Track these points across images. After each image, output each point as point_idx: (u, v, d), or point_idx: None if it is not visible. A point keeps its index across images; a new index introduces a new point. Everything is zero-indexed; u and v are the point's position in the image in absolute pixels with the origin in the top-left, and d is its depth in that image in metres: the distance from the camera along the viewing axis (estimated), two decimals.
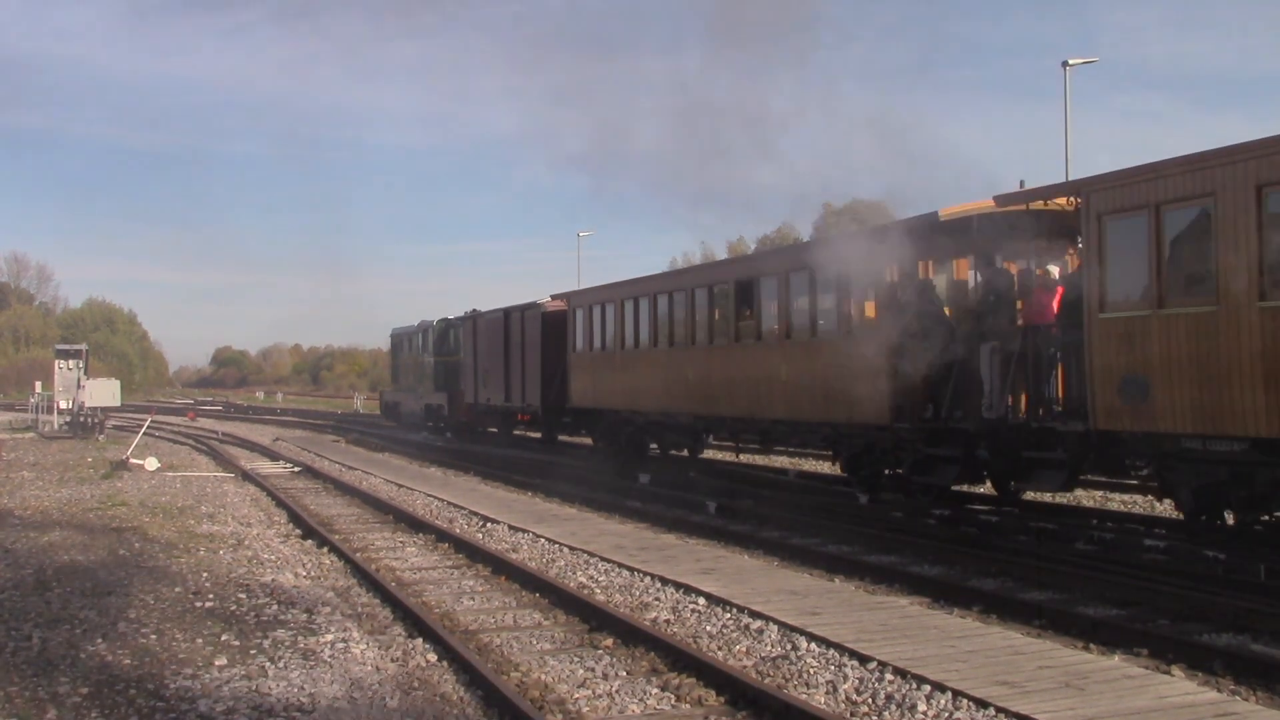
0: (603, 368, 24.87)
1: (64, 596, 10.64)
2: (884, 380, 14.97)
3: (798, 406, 17.35)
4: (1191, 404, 11.10)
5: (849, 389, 15.51)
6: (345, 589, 11.52)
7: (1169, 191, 11.40)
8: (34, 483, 22.57)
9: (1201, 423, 11.04)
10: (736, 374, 19.06)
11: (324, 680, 7.75)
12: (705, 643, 8.90)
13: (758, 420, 18.84)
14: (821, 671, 7.87)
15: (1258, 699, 7.44)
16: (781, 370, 17.65)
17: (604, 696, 7.57)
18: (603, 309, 24.86)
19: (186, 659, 8.33)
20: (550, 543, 13.90)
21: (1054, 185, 13.73)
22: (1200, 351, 11.01)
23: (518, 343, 29.98)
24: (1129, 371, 11.76)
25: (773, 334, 18.06)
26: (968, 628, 9.03)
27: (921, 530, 14.39)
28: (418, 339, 40.53)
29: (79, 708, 7.18)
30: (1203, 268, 11.11)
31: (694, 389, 20.44)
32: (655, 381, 22.04)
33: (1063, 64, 33.13)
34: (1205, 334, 10.95)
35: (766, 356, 18.13)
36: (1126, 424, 11.90)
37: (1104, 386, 12.04)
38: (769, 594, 10.27)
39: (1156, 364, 11.47)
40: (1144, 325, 11.63)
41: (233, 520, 16.60)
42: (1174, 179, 11.35)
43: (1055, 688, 7.09)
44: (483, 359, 33.02)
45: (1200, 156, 11.09)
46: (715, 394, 19.76)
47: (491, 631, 9.63)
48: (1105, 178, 12.28)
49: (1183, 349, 11.19)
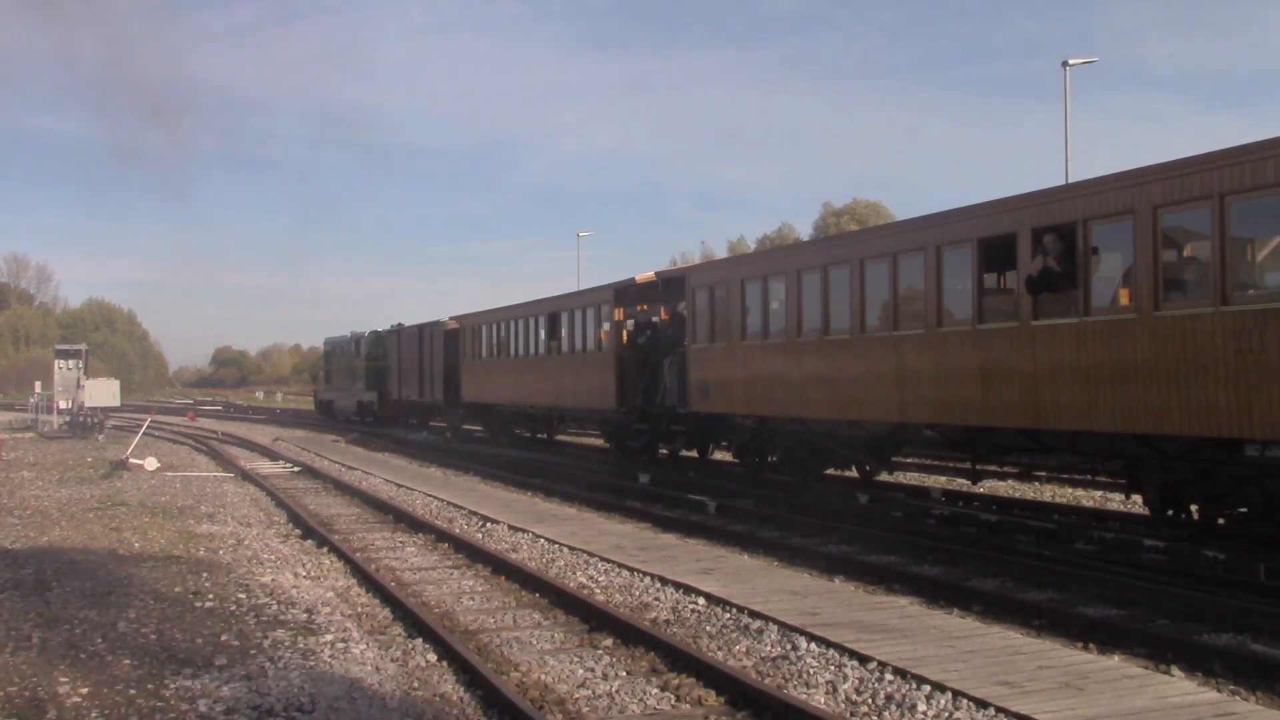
0: (482, 372, 33.85)
1: (64, 596, 10.64)
2: (612, 380, 24.11)
3: (580, 398, 26.22)
4: (729, 398, 19.98)
5: (604, 387, 24.57)
6: (345, 589, 11.52)
7: (713, 278, 20.96)
8: (34, 483, 22.57)
9: (735, 407, 19.93)
10: (549, 379, 28.26)
11: (324, 680, 7.74)
12: (705, 643, 8.90)
13: (565, 409, 28.25)
14: (821, 671, 7.87)
15: (1258, 699, 7.44)
16: (568, 377, 26.87)
17: (604, 696, 7.57)
18: (479, 329, 34.09)
19: (186, 659, 8.33)
20: (550, 543, 13.91)
21: (674, 269, 25.84)
22: (729, 370, 19.85)
23: (429, 352, 38.41)
24: (700, 379, 20.71)
25: (573, 350, 27.00)
26: (968, 628, 9.03)
27: (921, 530, 14.40)
28: (350, 346, 48.81)
29: (79, 708, 7.18)
30: (726, 324, 20.04)
31: (534, 390, 29.31)
32: (515, 382, 30.96)
33: (1063, 64, 33.19)
34: (732, 360, 19.72)
35: (566, 365, 27.22)
36: (703, 407, 20.88)
37: (693, 388, 21.09)
38: (769, 594, 10.27)
39: (713, 376, 20.25)
40: (708, 353, 20.54)
41: (232, 520, 16.60)
42: (719, 272, 21.63)
43: (1055, 688, 7.09)
44: (405, 364, 41.56)
45: (726, 261, 24.22)
46: (532, 390, 29.54)
47: (491, 631, 9.63)
48: (700, 267, 24.12)
49: (722, 368, 20.05)
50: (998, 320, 13.77)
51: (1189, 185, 11.17)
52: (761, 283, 18.84)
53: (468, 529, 15.60)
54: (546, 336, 28.44)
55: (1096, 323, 12.26)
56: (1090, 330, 12.30)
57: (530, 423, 32.16)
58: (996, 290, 15.08)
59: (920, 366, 14.92)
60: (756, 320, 18.95)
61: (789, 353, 17.85)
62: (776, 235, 78.11)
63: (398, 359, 42.54)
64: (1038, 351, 12.99)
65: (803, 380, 17.45)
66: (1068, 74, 33.07)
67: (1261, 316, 10.35)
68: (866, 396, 16.00)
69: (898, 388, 15.34)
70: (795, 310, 17.74)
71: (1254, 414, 10.40)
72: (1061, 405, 12.61)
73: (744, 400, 19.39)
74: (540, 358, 28.92)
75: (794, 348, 17.71)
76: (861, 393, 16.09)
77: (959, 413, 14.31)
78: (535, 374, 29.11)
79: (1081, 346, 12.42)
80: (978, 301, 14.04)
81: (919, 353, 14.93)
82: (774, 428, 19.07)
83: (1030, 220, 13.21)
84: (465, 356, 34.95)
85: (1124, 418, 11.88)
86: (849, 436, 17.39)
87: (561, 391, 27.24)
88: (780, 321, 18.25)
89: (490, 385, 32.95)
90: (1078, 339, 12.45)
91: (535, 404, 29.49)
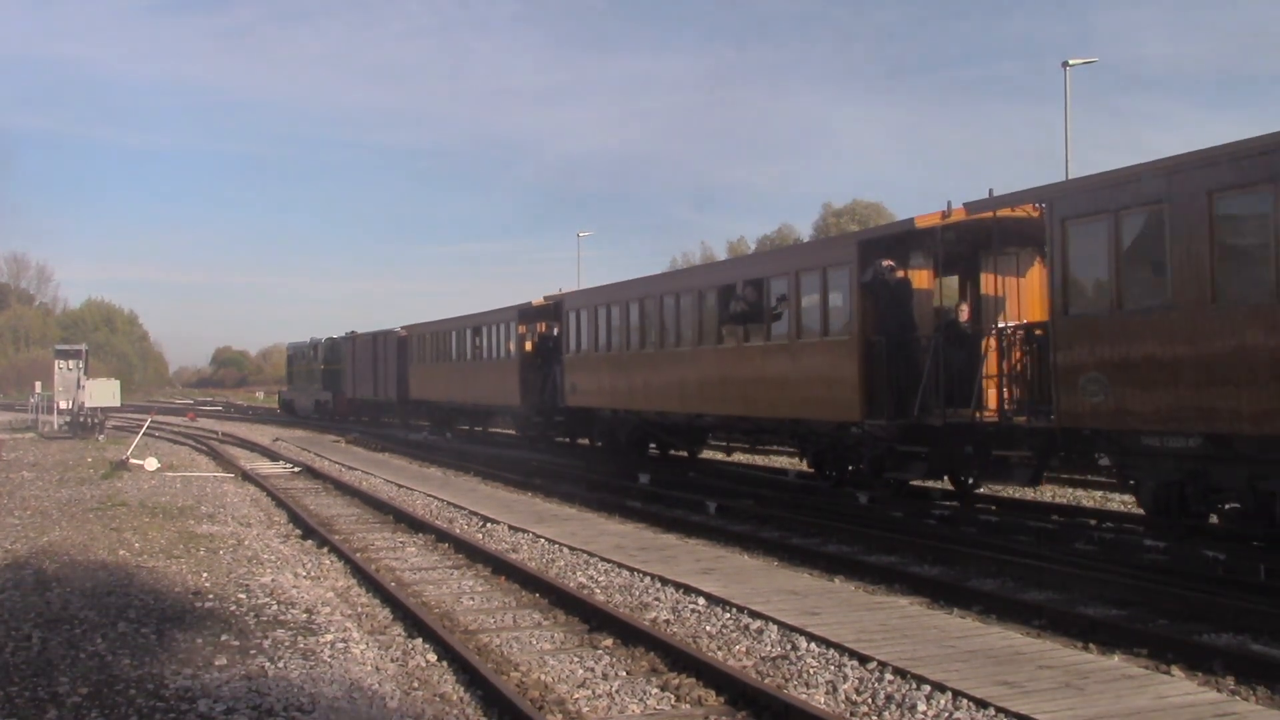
0: (426, 375, 39.45)
1: (64, 596, 10.64)
2: (516, 383, 30.14)
3: (495, 397, 32.33)
4: (589, 395, 25.65)
5: (511, 387, 30.56)
6: (345, 589, 11.52)
7: (579, 303, 26.94)
8: (34, 483, 22.58)
9: (593, 402, 25.66)
10: (474, 380, 34.18)
11: (324, 680, 7.74)
12: (705, 643, 8.90)
13: (485, 405, 34.15)
14: (821, 671, 7.87)
15: (1258, 699, 7.44)
16: (481, 380, 33.43)
17: (604, 696, 7.57)
18: (425, 337, 39.63)
19: (186, 659, 8.33)
20: (550, 543, 13.90)
21: (557, 295, 28.86)
22: (588, 374, 25.60)
23: (383, 356, 44.09)
24: (571, 382, 26.53)
25: (493, 358, 32.59)
26: (968, 628, 9.03)
27: (921, 530, 14.40)
28: (310, 352, 54.32)
29: (79, 708, 7.18)
30: (585, 339, 26.07)
31: (464, 389, 35.25)
32: (449, 383, 36.81)
33: (1063, 64, 33.18)
34: (589, 367, 25.59)
35: (485, 369, 33.25)
36: (574, 403, 26.79)
37: (567, 389, 26.71)
38: (769, 594, 10.27)
39: (579, 379, 26.16)
40: (575, 361, 26.50)
41: (232, 520, 16.60)
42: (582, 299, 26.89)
43: (1055, 688, 7.09)
44: (359, 367, 47.33)
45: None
46: (463, 389, 35.13)
47: (491, 631, 9.63)
48: (571, 295, 27.94)
49: (584, 373, 25.93)
50: (729, 342, 19.85)
51: (817, 258, 18.29)
52: (606, 309, 25.11)
53: (468, 529, 15.60)
54: (472, 346, 34.60)
55: (773, 346, 18.50)
56: (772, 351, 18.50)
57: (466, 417, 38.16)
58: (728, 321, 20.02)
59: (692, 374, 21.10)
60: (603, 337, 25.26)
61: (621, 362, 24.17)
62: (776, 235, 78.09)
63: (352, 362, 48.44)
64: (745, 365, 19.23)
65: (629, 383, 23.79)
66: (1068, 74, 33.08)
67: (803, 348, 17.70)
68: (664, 395, 22.33)
69: (680, 389, 21.59)
70: (624, 331, 24.15)
71: (824, 405, 17.14)
72: (760, 400, 18.81)
73: (598, 397, 25.48)
74: (468, 363, 34.90)
75: (625, 359, 24.03)
76: (662, 392, 22.38)
77: (716, 406, 20.46)
78: (464, 376, 35.31)
79: (767, 362, 18.61)
80: (718, 329, 20.25)
81: (692, 364, 21.10)
82: (621, 418, 24.94)
83: (740, 275, 19.96)
84: (413, 360, 40.80)
85: (790, 409, 18.04)
86: (660, 424, 23.73)
87: (483, 391, 33.53)
88: (617, 339, 24.55)
89: (432, 385, 38.80)
90: (764, 357, 18.69)
91: (465, 401, 35.75)
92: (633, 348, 23.53)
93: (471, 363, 34.53)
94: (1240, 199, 10.88)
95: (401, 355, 41.81)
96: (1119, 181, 12.24)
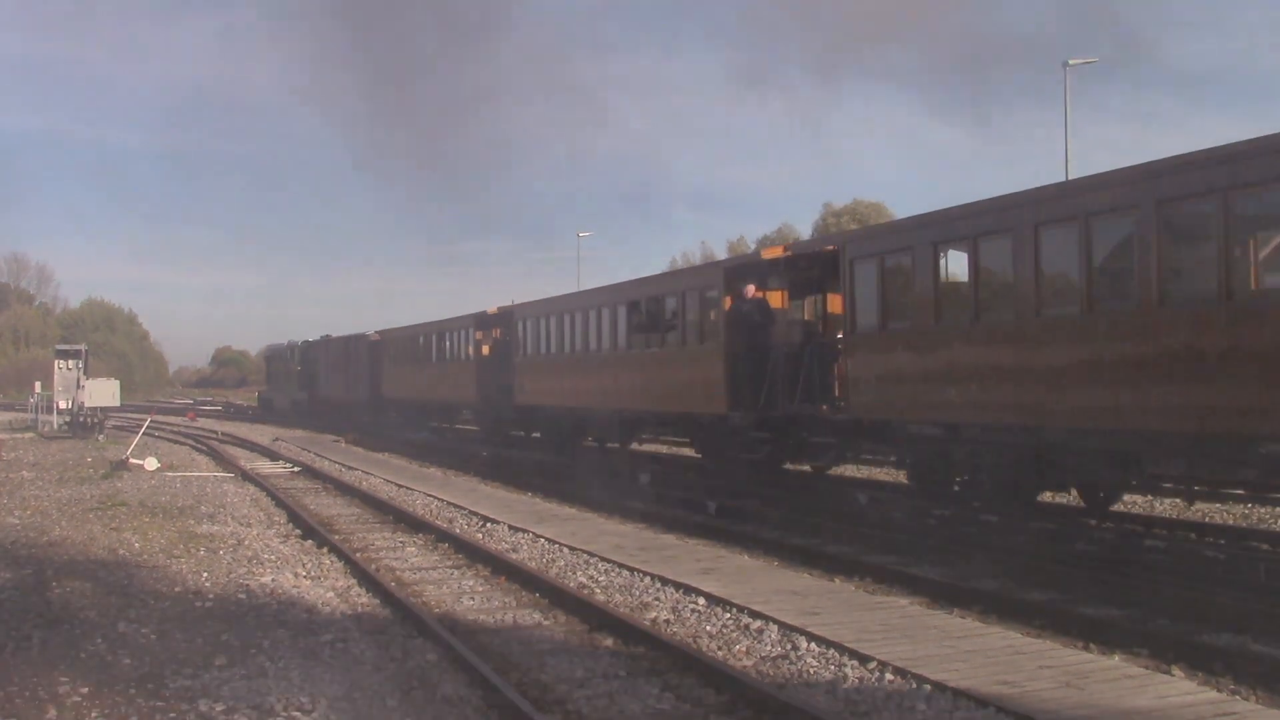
0: (397, 375, 42.34)
1: (64, 596, 10.64)
2: (474, 382, 33.35)
3: (457, 394, 35.51)
4: (535, 394, 28.63)
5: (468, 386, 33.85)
6: (345, 589, 11.51)
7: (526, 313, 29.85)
8: (34, 483, 22.57)
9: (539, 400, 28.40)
10: (439, 380, 37.09)
11: (324, 680, 7.74)
12: (705, 643, 8.90)
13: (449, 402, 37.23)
14: (821, 671, 7.87)
15: (1258, 699, 7.44)
16: (445, 380, 36.46)
17: (604, 696, 7.57)
18: (395, 340, 42.68)
19: (186, 659, 8.32)
20: (550, 543, 13.90)
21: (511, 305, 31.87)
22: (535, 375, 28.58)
23: (354, 358, 46.92)
24: (521, 382, 29.70)
25: (455, 360, 35.64)
26: (968, 628, 9.03)
27: (921, 530, 14.39)
28: (286, 354, 58.01)
29: (79, 708, 7.18)
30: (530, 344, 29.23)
31: (431, 387, 38.04)
32: (417, 382, 39.80)
33: (1063, 64, 33.22)
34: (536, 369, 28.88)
35: (449, 369, 36.14)
36: (523, 401, 29.33)
37: (517, 388, 29.25)
38: (769, 594, 10.27)
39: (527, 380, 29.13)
40: (525, 364, 29.56)
41: (232, 520, 16.59)
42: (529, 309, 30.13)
43: (1055, 688, 7.09)
44: (333, 368, 50.02)
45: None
46: (430, 388, 38.39)
47: (491, 631, 9.63)
48: (521, 305, 30.90)
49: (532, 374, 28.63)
50: (637, 349, 23.13)
51: (696, 280, 21.57)
52: (547, 319, 28.24)
53: (468, 529, 15.60)
54: (437, 349, 37.57)
55: (667, 353, 21.78)
56: (667, 357, 21.73)
57: (434, 414, 40.77)
58: (636, 331, 23.28)
59: (611, 376, 23.97)
60: (545, 344, 28.37)
61: (560, 366, 27.22)
62: (776, 235, 77.98)
63: (326, 364, 51.23)
64: (649, 368, 22.43)
65: (566, 384, 26.61)
66: (1068, 74, 33.11)
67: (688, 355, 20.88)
68: (592, 394, 25.05)
69: (603, 389, 24.33)
70: (560, 339, 27.25)
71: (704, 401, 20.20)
72: (661, 397, 21.95)
73: (542, 395, 28.51)
74: (433, 364, 37.83)
75: (562, 363, 27.05)
76: (591, 392, 25.09)
77: (631, 403, 23.42)
78: (430, 375, 38.33)
79: (664, 366, 21.83)
80: (629, 338, 23.52)
81: (612, 368, 24.07)
82: (561, 413, 27.61)
83: (644, 293, 23.18)
84: (386, 361, 43.57)
85: (681, 405, 21.28)
86: (592, 419, 26.14)
87: (447, 389, 36.65)
88: (556, 345, 27.62)
89: (403, 384, 41.79)
90: (661, 362, 21.98)
91: (431, 398, 38.78)
92: (568, 353, 26.81)
93: (436, 364, 37.53)
94: (954, 254, 14.73)
95: (372, 357, 44.74)
96: (882, 233, 17.45)
